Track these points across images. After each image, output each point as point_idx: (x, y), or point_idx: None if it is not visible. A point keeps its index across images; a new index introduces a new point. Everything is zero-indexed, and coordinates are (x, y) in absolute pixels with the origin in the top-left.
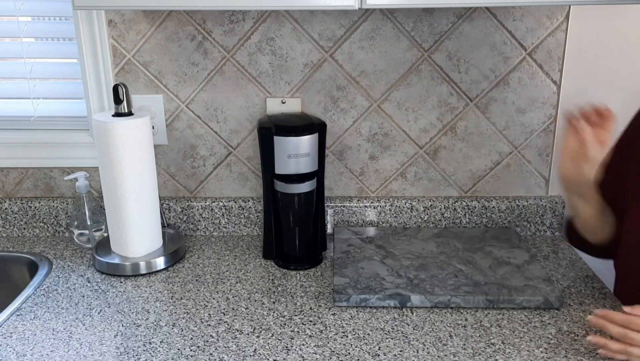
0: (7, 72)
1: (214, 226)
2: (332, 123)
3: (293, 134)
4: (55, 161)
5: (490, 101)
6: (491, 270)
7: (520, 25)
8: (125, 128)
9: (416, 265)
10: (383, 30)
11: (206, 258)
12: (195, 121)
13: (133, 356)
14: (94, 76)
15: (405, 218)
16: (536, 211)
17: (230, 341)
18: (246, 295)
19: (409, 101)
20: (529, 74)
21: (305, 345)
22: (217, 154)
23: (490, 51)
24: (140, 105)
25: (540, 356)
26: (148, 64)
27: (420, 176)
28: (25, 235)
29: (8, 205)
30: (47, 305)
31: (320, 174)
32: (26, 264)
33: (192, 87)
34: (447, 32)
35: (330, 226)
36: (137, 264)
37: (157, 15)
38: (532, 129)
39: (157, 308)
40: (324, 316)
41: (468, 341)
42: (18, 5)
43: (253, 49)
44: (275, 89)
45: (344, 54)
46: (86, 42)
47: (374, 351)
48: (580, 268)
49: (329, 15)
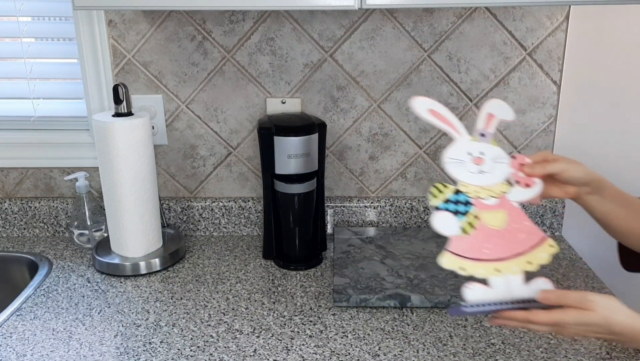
0: (7, 72)
1: (214, 226)
2: (332, 123)
3: (293, 134)
4: (55, 161)
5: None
6: None
7: (520, 25)
8: (125, 128)
9: (416, 265)
10: (383, 30)
11: (206, 258)
12: (195, 121)
13: (133, 356)
14: (94, 76)
15: (405, 218)
16: (536, 211)
17: (230, 342)
18: (246, 295)
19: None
20: (529, 74)
21: (305, 345)
22: (217, 154)
23: (490, 51)
24: (140, 105)
25: (540, 356)
26: (148, 64)
27: (420, 176)
28: (25, 235)
29: (8, 205)
30: (47, 305)
31: (320, 174)
32: (26, 264)
33: (192, 87)
34: (447, 32)
35: (330, 226)
36: (137, 265)
37: (157, 16)
38: (532, 129)
39: (157, 308)
40: (324, 317)
41: (468, 341)
42: (18, 5)
43: (253, 49)
44: (275, 89)
45: (344, 54)
46: (86, 42)
47: (374, 351)
48: (580, 268)
49: (329, 15)
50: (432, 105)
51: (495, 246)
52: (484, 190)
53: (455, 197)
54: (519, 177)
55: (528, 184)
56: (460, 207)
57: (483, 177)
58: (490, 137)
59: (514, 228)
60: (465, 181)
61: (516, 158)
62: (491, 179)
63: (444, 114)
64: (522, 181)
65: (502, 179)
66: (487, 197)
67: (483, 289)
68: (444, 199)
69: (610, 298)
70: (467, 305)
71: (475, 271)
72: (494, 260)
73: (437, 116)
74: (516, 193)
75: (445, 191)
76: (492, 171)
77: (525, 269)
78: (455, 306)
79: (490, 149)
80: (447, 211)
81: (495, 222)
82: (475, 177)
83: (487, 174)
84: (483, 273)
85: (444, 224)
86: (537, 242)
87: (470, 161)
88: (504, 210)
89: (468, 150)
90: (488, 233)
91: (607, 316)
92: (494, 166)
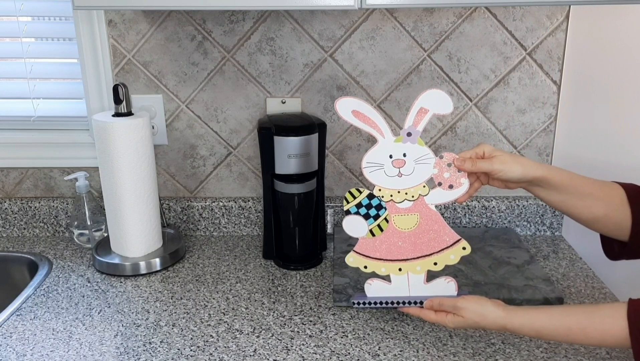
0: (7, 72)
1: (214, 226)
2: (332, 123)
3: (293, 134)
4: (55, 161)
5: (490, 101)
6: (491, 270)
7: (520, 25)
8: (125, 128)
9: None
10: (383, 30)
11: (206, 258)
12: (195, 121)
13: (133, 356)
14: (94, 76)
15: None
16: (536, 211)
17: (230, 341)
18: (246, 295)
19: (409, 101)
20: (529, 74)
21: (305, 345)
22: (217, 154)
23: (490, 51)
24: (140, 105)
25: (540, 356)
26: (148, 64)
27: None
28: (25, 235)
29: (8, 205)
30: (47, 305)
31: (320, 174)
32: (26, 264)
33: (192, 87)
34: (447, 32)
35: (330, 226)
36: (137, 264)
37: (157, 15)
38: (532, 129)
39: (157, 308)
40: (324, 316)
41: (468, 341)
42: (18, 5)
43: (253, 49)
44: (275, 89)
45: (344, 54)
46: (86, 42)
47: (374, 351)
48: (580, 268)
49: (329, 15)
50: (357, 106)
51: (402, 247)
52: (400, 194)
53: (368, 201)
54: (442, 178)
55: (452, 185)
56: (372, 210)
57: (400, 181)
58: (417, 135)
59: (424, 230)
60: (381, 185)
61: (444, 157)
62: (409, 182)
63: (368, 115)
64: (446, 182)
65: (422, 180)
66: (402, 200)
67: (383, 285)
68: (357, 203)
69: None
70: (367, 297)
71: (378, 269)
72: (398, 260)
73: (360, 117)
74: (434, 195)
75: (358, 196)
76: (413, 173)
77: (430, 269)
78: (357, 296)
79: (414, 150)
80: (357, 215)
81: (404, 225)
82: (392, 180)
83: (405, 177)
84: (385, 271)
85: (353, 227)
86: (448, 244)
87: (389, 164)
88: (416, 213)
89: (390, 152)
90: (397, 234)
91: (476, 322)
92: (416, 167)
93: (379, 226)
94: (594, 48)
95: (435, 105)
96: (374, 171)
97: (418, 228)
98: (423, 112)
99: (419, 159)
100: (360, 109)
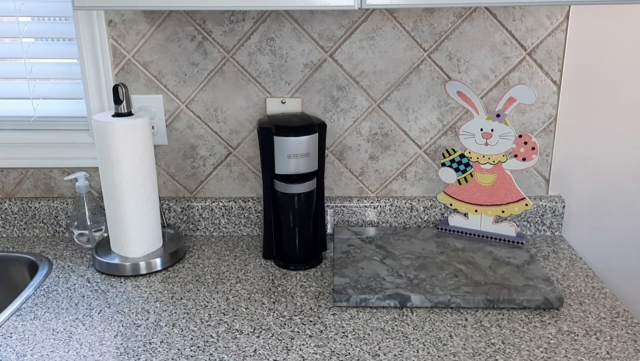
0: (7, 72)
1: (214, 226)
2: (332, 123)
3: (293, 134)
4: (55, 161)
5: (490, 101)
6: (491, 270)
7: (520, 25)
8: (125, 128)
9: (416, 265)
10: (383, 30)
11: (206, 258)
12: (195, 121)
13: (133, 356)
14: (94, 76)
15: (405, 218)
16: (536, 211)
17: (230, 341)
18: (246, 295)
19: (409, 101)
20: (529, 74)
21: (305, 345)
22: (217, 154)
23: (490, 51)
24: (140, 105)
25: (540, 356)
26: (148, 64)
27: (420, 176)
28: (25, 235)
29: (8, 205)
30: (47, 305)
31: (320, 174)
32: (26, 264)
33: (192, 87)
34: (447, 32)
35: (330, 226)
36: (137, 265)
37: (157, 16)
38: (532, 128)
39: (157, 308)
40: (324, 316)
41: (468, 341)
42: (18, 5)
43: (253, 49)
44: (275, 89)
45: (344, 54)
46: (86, 42)
47: (374, 351)
48: (580, 268)
49: (329, 15)
50: (461, 87)
51: (479, 196)
52: (484, 158)
53: (460, 159)
54: (518, 152)
55: (525, 158)
56: (461, 166)
57: (486, 149)
58: (504, 117)
59: (499, 187)
60: (471, 149)
61: (522, 137)
62: (493, 150)
63: (468, 95)
64: (520, 156)
65: (503, 151)
66: (485, 163)
67: (461, 219)
68: (451, 159)
69: None
70: (449, 225)
71: (459, 207)
72: (476, 204)
73: (462, 96)
74: (510, 163)
75: (453, 154)
76: (496, 145)
77: (498, 215)
78: (442, 223)
79: (500, 127)
80: (450, 168)
81: (485, 181)
82: (480, 147)
83: (491, 146)
84: (464, 210)
85: (446, 175)
86: (514, 200)
87: (480, 135)
88: (495, 173)
89: (482, 126)
90: (477, 186)
91: None
92: (499, 140)
93: (465, 178)
94: (594, 48)
95: (522, 96)
96: (467, 138)
97: (494, 185)
98: (512, 100)
99: (503, 135)
100: (463, 90)
